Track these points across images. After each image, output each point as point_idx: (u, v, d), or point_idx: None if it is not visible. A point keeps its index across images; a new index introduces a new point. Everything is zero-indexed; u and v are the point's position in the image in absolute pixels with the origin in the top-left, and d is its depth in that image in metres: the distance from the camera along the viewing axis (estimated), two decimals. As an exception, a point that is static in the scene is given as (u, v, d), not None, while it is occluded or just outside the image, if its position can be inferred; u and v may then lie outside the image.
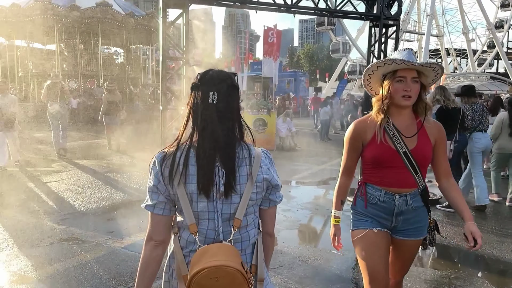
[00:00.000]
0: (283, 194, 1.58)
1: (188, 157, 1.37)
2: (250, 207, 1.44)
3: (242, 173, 1.40)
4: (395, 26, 5.35)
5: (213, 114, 1.37)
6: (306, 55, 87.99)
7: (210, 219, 1.39)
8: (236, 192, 1.38)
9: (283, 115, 12.42)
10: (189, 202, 1.37)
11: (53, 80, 9.61)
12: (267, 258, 1.58)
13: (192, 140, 1.40)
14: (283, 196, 1.58)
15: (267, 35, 12.10)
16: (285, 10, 5.05)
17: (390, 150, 1.95)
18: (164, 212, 1.42)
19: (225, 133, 1.38)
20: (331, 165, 9.25)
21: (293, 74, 35.16)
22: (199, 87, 1.41)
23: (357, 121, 2.12)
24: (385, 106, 1.94)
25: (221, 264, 1.26)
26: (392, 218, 2.03)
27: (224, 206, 1.39)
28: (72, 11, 19.90)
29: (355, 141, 2.07)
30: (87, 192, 6.31)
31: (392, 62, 1.86)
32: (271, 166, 1.48)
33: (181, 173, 1.35)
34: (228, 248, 1.36)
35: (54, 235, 4.41)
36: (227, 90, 1.41)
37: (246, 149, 1.43)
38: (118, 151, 10.54)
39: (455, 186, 2.09)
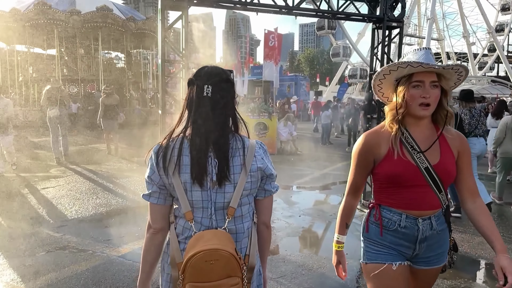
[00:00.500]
0: (278, 186, 1.57)
1: (182, 148, 1.42)
2: (245, 198, 1.46)
3: (236, 163, 1.43)
4: (398, 28, 5.23)
5: (207, 107, 1.42)
6: (307, 59, 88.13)
7: (204, 208, 1.42)
8: (230, 182, 1.42)
9: (284, 119, 12.30)
10: (184, 191, 1.41)
11: (52, 85, 9.57)
12: (264, 250, 1.60)
13: (186, 131, 1.44)
14: (278, 187, 1.57)
15: (268, 38, 12.02)
16: (286, 12, 4.94)
17: (410, 166, 1.65)
18: (158, 201, 1.47)
19: (218, 124, 1.42)
20: (333, 170, 9.12)
21: (293, 78, 35.10)
22: (195, 82, 1.46)
23: (367, 133, 1.79)
24: (399, 115, 1.66)
25: (216, 248, 1.29)
26: (415, 245, 1.73)
27: (218, 195, 1.42)
28: (72, 15, 19.88)
29: (366, 156, 1.75)
30: (85, 198, 6.19)
31: (407, 65, 1.59)
32: (265, 156, 1.50)
33: (175, 163, 1.40)
34: (222, 234, 1.39)
35: (49, 243, 4.28)
36: (221, 84, 1.46)
37: (239, 140, 1.46)
38: (117, 156, 10.44)
39: (483, 209, 1.74)
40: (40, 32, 21.27)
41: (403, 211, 1.70)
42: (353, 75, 44.75)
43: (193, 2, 4.59)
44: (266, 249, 1.63)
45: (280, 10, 4.94)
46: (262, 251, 1.59)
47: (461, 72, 1.67)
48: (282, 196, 6.55)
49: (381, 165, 1.71)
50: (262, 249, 1.59)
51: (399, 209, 1.70)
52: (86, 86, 22.13)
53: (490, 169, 8.89)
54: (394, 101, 1.71)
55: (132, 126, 19.15)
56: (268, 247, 1.64)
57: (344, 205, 1.91)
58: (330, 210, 5.83)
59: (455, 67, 1.64)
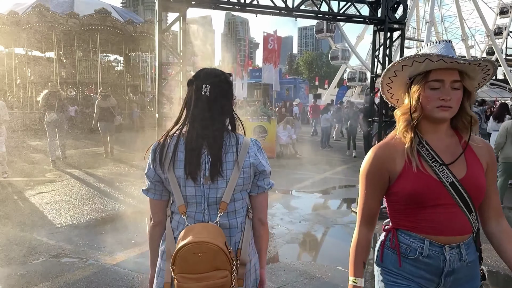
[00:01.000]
0: (273, 183, 1.59)
1: (177, 144, 1.46)
2: (238, 193, 1.49)
3: (229, 159, 1.46)
4: (400, 30, 5.14)
5: (204, 105, 1.47)
6: (305, 62, 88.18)
7: (197, 203, 1.46)
8: (223, 177, 1.45)
9: (283, 122, 12.20)
10: (178, 186, 1.45)
11: (50, 90, 9.53)
12: (261, 247, 1.60)
13: (183, 129, 1.49)
14: (273, 184, 1.58)
15: (267, 41, 11.93)
16: (286, 13, 4.84)
17: (432, 181, 1.36)
18: (155, 196, 1.53)
19: (214, 122, 1.47)
20: (333, 174, 9.01)
21: (292, 81, 35.11)
22: (194, 82, 1.51)
23: (377, 146, 1.48)
24: (415, 121, 1.38)
25: (204, 241, 1.31)
26: (440, 279, 1.43)
27: (211, 190, 1.45)
28: (70, 18, 19.78)
29: (379, 174, 1.44)
30: (80, 203, 6.06)
31: (425, 59, 1.28)
32: (259, 152, 1.52)
33: (170, 159, 1.45)
34: (212, 227, 1.41)
35: (42, 251, 4.15)
36: (219, 84, 1.50)
37: (233, 137, 1.50)
38: (115, 159, 10.31)
39: (510, 233, 1.47)
40: (38, 35, 21.18)
41: (426, 236, 1.40)
42: (352, 78, 44.69)
43: (191, 4, 4.48)
44: (264, 246, 1.62)
45: (280, 11, 4.84)
46: (259, 248, 1.60)
47: (488, 69, 1.38)
48: (282, 201, 6.43)
49: (398, 183, 1.41)
50: (259, 246, 1.59)
51: (421, 234, 1.41)
52: (85, 89, 22.04)
53: (492, 173, 8.79)
54: (406, 104, 1.42)
55: (131, 129, 19.06)
56: (265, 244, 1.63)
57: (358, 239, 1.57)
58: (331, 216, 5.71)
59: (483, 62, 1.34)
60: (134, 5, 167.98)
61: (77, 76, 21.45)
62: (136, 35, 21.17)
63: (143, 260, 3.93)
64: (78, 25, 19.91)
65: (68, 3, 21.36)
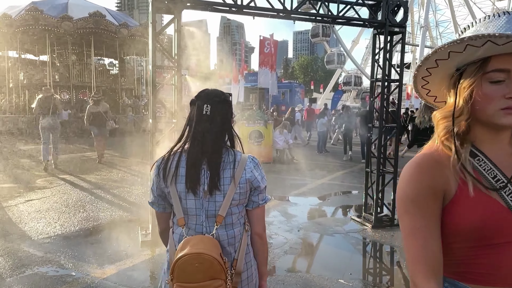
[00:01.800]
0: (269, 198, 1.68)
1: (179, 161, 1.56)
2: (235, 207, 1.57)
3: (226, 175, 1.55)
4: (401, 33, 5.02)
5: (205, 123, 1.56)
6: (301, 67, 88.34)
7: (197, 215, 1.55)
8: (220, 192, 1.54)
9: (280, 127, 12.05)
10: (179, 199, 1.55)
11: (44, 94, 9.48)
12: (261, 260, 1.68)
13: (185, 146, 1.59)
14: (268, 199, 1.67)
15: (263, 45, 11.81)
16: (284, 16, 4.70)
17: (501, 209, 0.97)
18: (159, 209, 1.66)
19: (214, 140, 1.56)
20: (331, 180, 8.86)
21: (288, 85, 34.95)
22: (196, 102, 1.60)
23: (420, 158, 1.05)
24: (462, 127, 1.02)
25: (200, 252, 1.40)
26: None
27: (210, 204, 1.54)
28: (64, 21, 19.56)
29: (433, 196, 1.00)
30: (71, 211, 5.85)
31: (486, 40, 0.90)
32: (255, 169, 1.59)
33: (173, 174, 1.54)
34: (209, 239, 1.49)
35: (28, 263, 3.95)
36: (219, 104, 1.59)
37: (232, 155, 1.58)
38: (108, 165, 10.10)
39: None
40: (32, 38, 20.95)
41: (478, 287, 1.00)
42: (347, 82, 44.74)
43: (186, 5, 4.33)
44: (263, 259, 1.70)
45: (278, 14, 4.70)
46: (259, 262, 1.67)
47: None
48: (279, 208, 6.26)
49: (451, 212, 1.00)
50: (258, 259, 1.67)
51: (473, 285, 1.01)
52: (78, 93, 21.80)
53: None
54: (451, 103, 1.05)
55: (125, 133, 18.82)
56: (264, 257, 1.71)
57: None
58: (331, 224, 5.55)
59: None
60: (129, 9, 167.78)
61: (70, 80, 21.21)
62: (131, 38, 20.97)
63: (136, 274, 3.75)
64: (72, 28, 19.70)
65: (62, 6, 21.16)
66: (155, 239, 4.46)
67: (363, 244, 4.87)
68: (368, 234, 5.04)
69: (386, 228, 5.20)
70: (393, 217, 5.35)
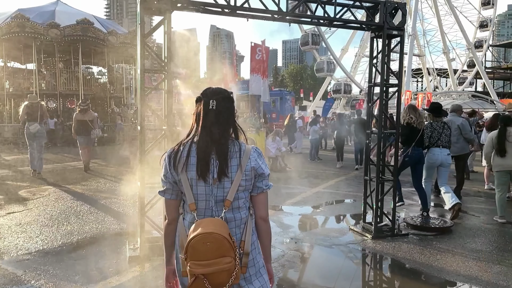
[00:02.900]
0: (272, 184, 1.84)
1: (190, 150, 1.70)
2: (241, 193, 1.71)
3: (233, 164, 1.69)
4: (399, 36, 4.87)
5: (212, 117, 1.70)
6: (290, 75, 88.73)
7: (207, 200, 1.69)
8: (228, 178, 1.67)
9: (272, 134, 11.85)
10: (189, 186, 1.68)
11: (30, 101, 9.41)
12: (265, 243, 1.81)
13: (194, 138, 1.73)
14: (271, 185, 1.83)
15: (255, 52, 11.65)
16: (279, 18, 4.52)
17: None
18: (172, 196, 1.77)
19: (220, 131, 1.70)
20: (325, 188, 8.65)
21: (279, 93, 34.87)
22: (202, 99, 1.74)
23: None
24: None
25: (211, 231, 1.53)
26: None
27: (218, 190, 1.68)
28: (51, 28, 19.21)
29: None
30: (55, 224, 5.52)
31: None
32: (259, 158, 1.74)
33: (184, 163, 1.68)
34: (218, 221, 1.64)
35: (5, 283, 3.62)
36: (223, 100, 1.74)
37: (237, 145, 1.73)
38: (95, 174, 9.75)
39: None
40: (18, 46, 20.51)
41: None
42: (337, 90, 45.00)
43: (176, 6, 4.11)
44: (267, 242, 1.83)
45: (273, 16, 4.51)
46: (263, 244, 1.81)
47: None
48: (274, 219, 6.01)
49: None
50: (263, 242, 1.81)
51: None
52: (66, 101, 21.34)
53: (487, 185, 8.59)
54: None
55: (113, 142, 18.41)
56: (269, 240, 1.84)
57: None
58: (329, 235, 5.32)
59: None
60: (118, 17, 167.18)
61: (57, 88, 20.78)
62: (119, 46, 20.66)
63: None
64: (59, 36, 19.34)
65: (49, 13, 20.81)
66: (144, 254, 4.17)
67: (364, 256, 4.64)
68: (368, 246, 4.81)
69: (387, 239, 4.98)
70: (393, 226, 5.14)
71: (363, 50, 47.83)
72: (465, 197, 7.75)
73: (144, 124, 4.01)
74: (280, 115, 32.59)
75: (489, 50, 52.41)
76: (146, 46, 3.98)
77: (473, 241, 5.01)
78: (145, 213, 4.24)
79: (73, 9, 22.69)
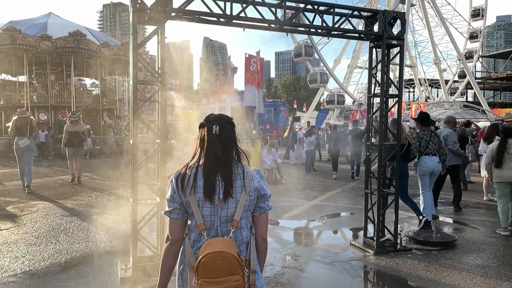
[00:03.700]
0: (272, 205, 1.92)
1: (197, 173, 1.80)
2: (244, 213, 1.80)
3: (238, 185, 1.80)
4: (399, 46, 4.77)
5: (216, 142, 1.81)
6: (283, 86, 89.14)
7: (212, 221, 1.78)
8: (233, 199, 1.78)
9: (267, 146, 11.70)
10: (197, 207, 1.77)
11: (20, 116, 9.37)
12: (261, 259, 1.90)
13: (200, 161, 1.83)
14: (272, 206, 1.92)
15: (249, 63, 11.54)
16: (276, 28, 4.40)
17: None
18: (178, 216, 1.83)
19: (224, 155, 1.80)
20: (323, 201, 8.47)
21: (272, 104, 34.83)
22: (205, 124, 1.85)
23: None
24: None
25: (222, 250, 1.64)
26: None
27: (223, 211, 1.78)
28: (43, 40, 19.05)
29: None
30: (42, 243, 5.26)
31: None
32: (261, 179, 1.86)
33: (191, 185, 1.78)
34: (228, 240, 1.74)
35: (-14, 309, 3.39)
36: (225, 125, 1.85)
37: (240, 167, 1.83)
38: (86, 189, 9.47)
39: None
40: (9, 58, 20.28)
41: None
42: (330, 100, 45.16)
43: (170, 16, 3.97)
44: (263, 259, 1.93)
45: (269, 25, 4.39)
46: (260, 259, 1.89)
47: None
48: (272, 234, 5.81)
49: None
50: (260, 259, 1.88)
51: None
52: (58, 113, 21.05)
53: (486, 196, 8.48)
54: None
55: (106, 154, 18.13)
56: (264, 257, 1.93)
57: None
58: (330, 250, 5.12)
59: None
60: (111, 30, 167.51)
61: (49, 100, 20.52)
62: (112, 58, 20.52)
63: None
64: (51, 48, 19.18)
65: (41, 25, 20.66)
66: (136, 275, 3.95)
67: (367, 274, 4.45)
68: (371, 262, 4.62)
69: (389, 254, 4.80)
70: (396, 241, 4.97)
71: (355, 61, 48.25)
72: (465, 208, 7.63)
73: (136, 139, 3.82)
74: (274, 126, 32.54)
75: (479, 61, 53.18)
76: (138, 56, 3.81)
77: (478, 256, 4.85)
78: (137, 231, 4.03)
79: (66, 21, 22.55)
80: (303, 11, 4.39)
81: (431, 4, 45.46)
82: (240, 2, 4.15)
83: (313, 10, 4.40)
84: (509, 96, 76.63)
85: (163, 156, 3.92)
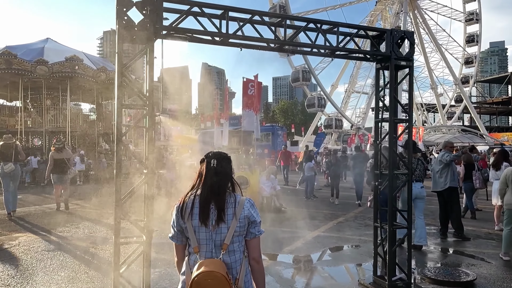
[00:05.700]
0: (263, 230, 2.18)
1: (194, 202, 2.09)
2: (236, 237, 2.07)
3: (229, 212, 2.07)
4: (408, 67, 4.44)
5: (212, 174, 2.10)
6: (281, 110, 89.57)
7: (207, 244, 2.06)
8: (225, 225, 2.05)
9: (266, 172, 11.25)
10: (193, 232, 2.06)
11: (6, 141, 9.30)
12: (257, 280, 2.14)
13: (197, 191, 2.12)
14: (263, 231, 2.17)
15: (247, 87, 11.29)
16: (277, 48, 4.10)
17: None
18: (177, 241, 2.18)
19: (219, 185, 2.09)
20: (325, 231, 7.97)
21: (270, 128, 34.62)
22: (205, 160, 2.16)
23: None
24: None
25: (212, 270, 1.91)
26: None
27: (217, 235, 2.05)
28: (39, 65, 18.88)
29: None
30: (17, 284, 4.73)
31: None
32: (251, 208, 2.12)
33: (189, 213, 2.07)
34: (217, 261, 2.00)
35: None
36: (222, 160, 2.17)
37: (233, 197, 2.13)
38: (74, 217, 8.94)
39: None
40: (5, 83, 20.06)
41: None
42: (328, 125, 45.04)
43: (160, 34, 3.64)
44: (261, 281, 2.15)
45: (269, 44, 4.06)
46: (257, 283, 2.14)
47: None
48: (272, 271, 5.29)
49: None
50: (257, 281, 2.14)
51: None
52: (52, 138, 20.65)
53: (497, 226, 7.99)
54: None
55: (99, 181, 17.58)
56: (262, 279, 2.16)
57: None
58: (335, 291, 4.61)
59: None
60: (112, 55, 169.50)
61: (44, 125, 20.16)
62: (109, 82, 20.31)
63: None
64: (47, 73, 18.99)
65: (38, 50, 20.54)
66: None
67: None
68: (383, 306, 4.12)
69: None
70: (409, 281, 4.48)
71: (353, 86, 48.47)
72: (476, 240, 7.16)
73: (120, 171, 3.39)
74: (272, 150, 32.17)
75: (475, 86, 53.60)
76: (124, 78, 3.44)
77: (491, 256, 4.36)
78: (119, 274, 3.55)
79: (63, 46, 22.49)
80: (305, 30, 4.07)
81: (426, 31, 46.17)
82: (237, 20, 3.84)
83: (315, 29, 4.08)
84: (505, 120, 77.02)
85: (150, 188, 3.48)
